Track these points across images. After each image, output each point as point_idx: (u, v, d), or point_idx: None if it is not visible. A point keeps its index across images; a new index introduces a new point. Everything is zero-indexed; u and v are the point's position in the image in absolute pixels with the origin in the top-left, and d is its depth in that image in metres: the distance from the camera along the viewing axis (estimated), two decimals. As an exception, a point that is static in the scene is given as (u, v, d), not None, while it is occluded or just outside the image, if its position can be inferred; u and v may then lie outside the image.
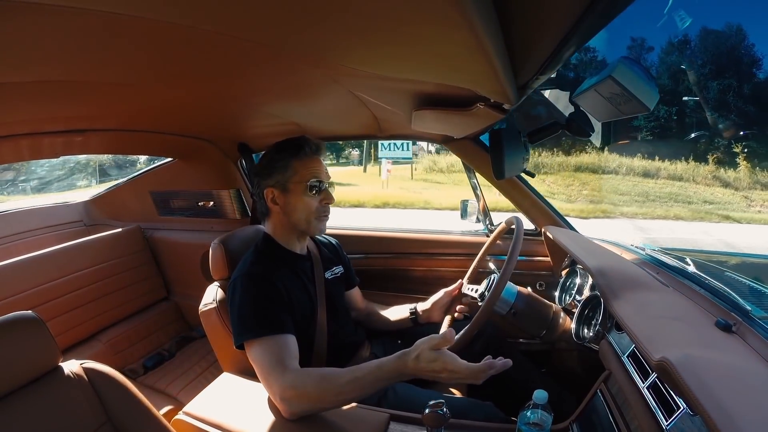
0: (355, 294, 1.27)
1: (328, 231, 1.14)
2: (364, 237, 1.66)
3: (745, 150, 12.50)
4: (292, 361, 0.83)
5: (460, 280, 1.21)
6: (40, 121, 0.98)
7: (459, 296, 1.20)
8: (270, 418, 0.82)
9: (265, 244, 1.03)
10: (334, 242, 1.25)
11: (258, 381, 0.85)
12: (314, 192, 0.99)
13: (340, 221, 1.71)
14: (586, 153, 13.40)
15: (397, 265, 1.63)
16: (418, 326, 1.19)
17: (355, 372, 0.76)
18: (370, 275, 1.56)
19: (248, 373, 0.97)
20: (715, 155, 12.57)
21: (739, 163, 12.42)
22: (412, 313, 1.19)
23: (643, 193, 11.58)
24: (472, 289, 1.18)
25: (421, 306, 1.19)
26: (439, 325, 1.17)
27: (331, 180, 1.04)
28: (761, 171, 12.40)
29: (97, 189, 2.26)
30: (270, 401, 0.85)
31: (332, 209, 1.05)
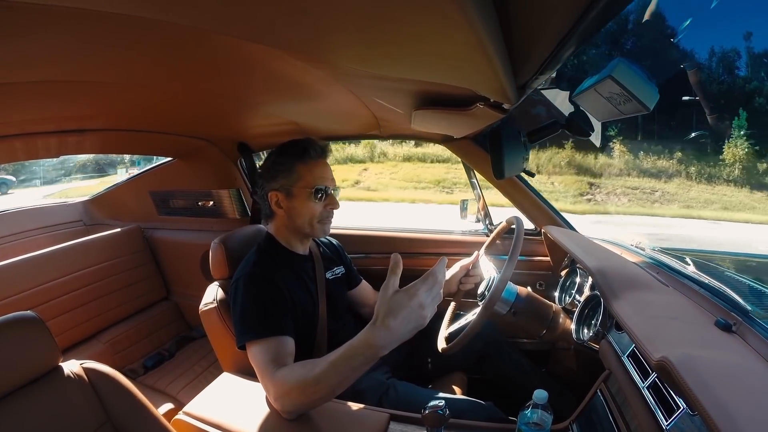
0: (366, 291, 1.27)
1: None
2: (365, 237, 1.66)
3: (621, 135, 11.99)
4: (287, 361, 0.83)
5: (476, 252, 1.20)
6: (40, 121, 0.98)
7: (475, 268, 1.19)
8: (270, 418, 0.82)
9: (267, 245, 1.03)
10: (335, 243, 1.24)
11: (258, 381, 0.85)
12: (319, 197, 0.98)
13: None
14: (426, 146, 12.96)
15: None
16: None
17: (329, 357, 0.71)
18: (371, 275, 1.56)
19: (248, 373, 0.97)
20: (571, 141, 11.67)
21: (613, 148, 11.98)
22: None
23: (435, 181, 11.70)
24: (485, 268, 1.18)
25: None
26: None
27: (337, 185, 1.03)
28: (646, 156, 11.80)
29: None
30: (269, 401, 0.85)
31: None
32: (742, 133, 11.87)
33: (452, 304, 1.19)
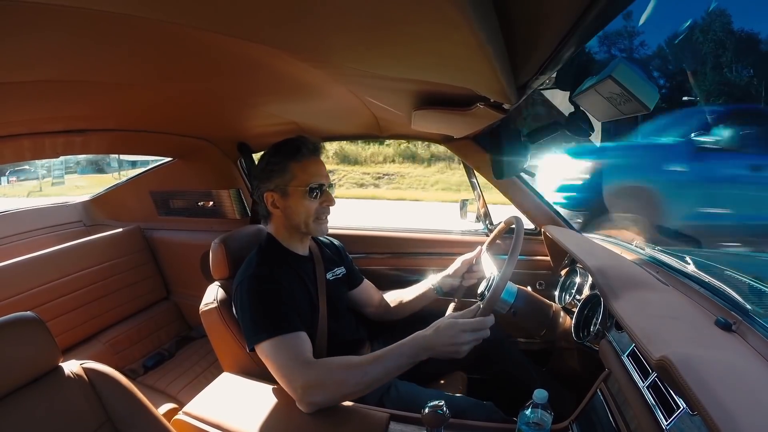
0: (368, 290, 1.27)
1: (330, 231, 1.14)
2: (365, 237, 1.66)
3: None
4: (310, 355, 0.85)
5: (479, 247, 1.20)
6: (41, 121, 0.99)
7: (478, 264, 1.20)
8: (270, 417, 0.82)
9: (268, 245, 1.03)
10: (336, 243, 1.24)
11: (258, 381, 0.85)
12: (314, 195, 0.99)
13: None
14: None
15: (398, 264, 1.63)
16: (442, 296, 1.22)
17: (376, 353, 0.81)
18: (372, 275, 1.56)
19: (248, 373, 0.97)
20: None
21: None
22: (433, 285, 1.21)
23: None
24: (486, 267, 1.18)
25: (442, 274, 1.20)
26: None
27: (332, 181, 1.04)
28: (424, 144, 11.24)
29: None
30: (270, 401, 0.85)
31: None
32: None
33: (452, 303, 1.19)
